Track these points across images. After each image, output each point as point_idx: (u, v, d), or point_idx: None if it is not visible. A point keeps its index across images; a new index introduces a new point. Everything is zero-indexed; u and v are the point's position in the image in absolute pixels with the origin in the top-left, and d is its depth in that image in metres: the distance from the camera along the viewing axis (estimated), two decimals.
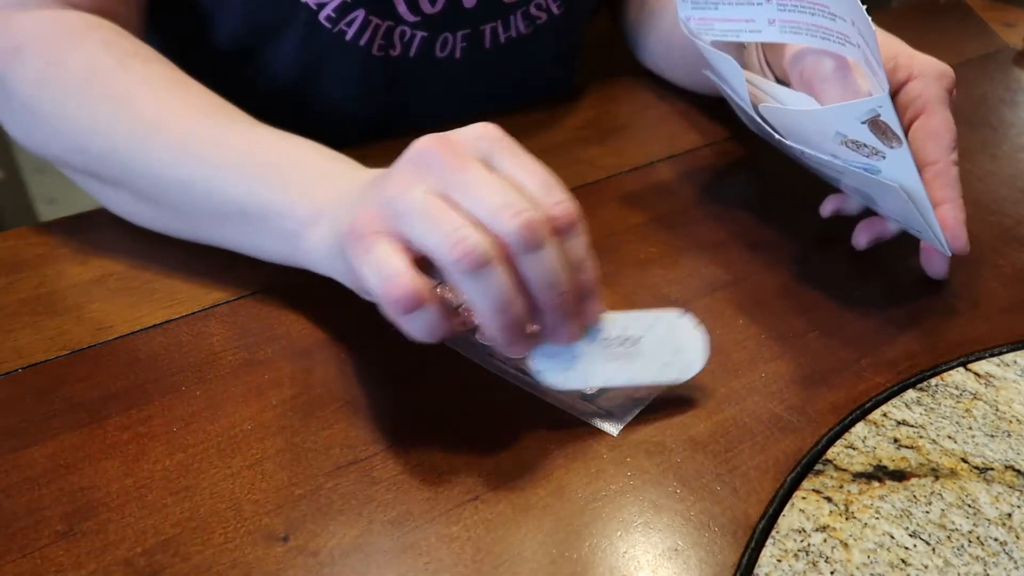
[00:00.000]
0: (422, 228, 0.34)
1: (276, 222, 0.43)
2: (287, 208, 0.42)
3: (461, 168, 0.35)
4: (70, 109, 0.48)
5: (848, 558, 0.34)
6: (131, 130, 0.46)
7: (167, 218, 0.49)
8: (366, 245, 0.35)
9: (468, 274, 0.33)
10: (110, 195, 0.51)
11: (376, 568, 0.34)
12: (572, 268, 0.36)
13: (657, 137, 0.65)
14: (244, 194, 0.44)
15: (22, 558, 0.34)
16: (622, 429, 0.39)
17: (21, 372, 0.42)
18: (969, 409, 0.41)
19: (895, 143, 0.41)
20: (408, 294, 0.33)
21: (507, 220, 0.33)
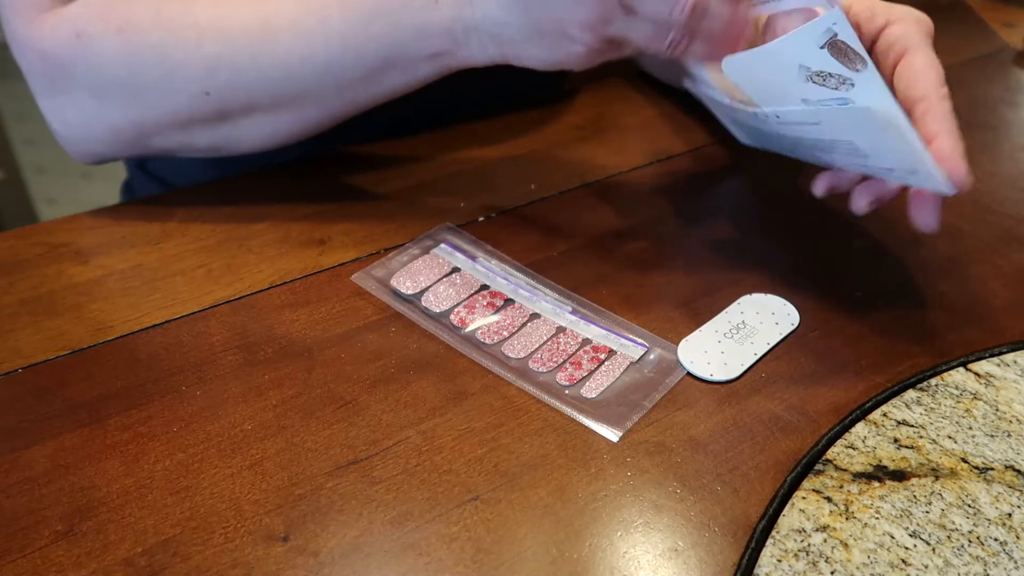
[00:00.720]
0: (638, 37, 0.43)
1: (421, 51, 0.47)
2: (419, 35, 0.47)
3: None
4: (175, 63, 0.48)
5: (848, 558, 0.34)
6: (245, 50, 0.48)
7: (310, 112, 0.51)
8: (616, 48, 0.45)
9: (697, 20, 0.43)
10: (244, 129, 0.51)
11: (376, 568, 0.34)
12: None
13: (657, 137, 0.65)
14: (377, 45, 0.47)
15: (22, 558, 0.34)
16: (622, 435, 0.39)
17: (21, 372, 0.42)
18: (969, 409, 0.41)
19: (860, 65, 0.39)
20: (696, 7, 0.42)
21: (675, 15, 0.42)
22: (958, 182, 0.41)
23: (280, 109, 0.51)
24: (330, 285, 0.48)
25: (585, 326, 0.45)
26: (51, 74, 0.50)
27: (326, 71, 0.49)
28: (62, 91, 0.50)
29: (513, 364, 0.43)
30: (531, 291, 0.47)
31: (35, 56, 0.49)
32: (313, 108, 0.51)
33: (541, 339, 0.44)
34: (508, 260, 0.50)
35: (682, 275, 0.50)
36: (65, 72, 0.49)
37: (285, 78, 0.49)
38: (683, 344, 0.44)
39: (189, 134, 0.51)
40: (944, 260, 0.51)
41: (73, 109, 0.51)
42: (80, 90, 0.50)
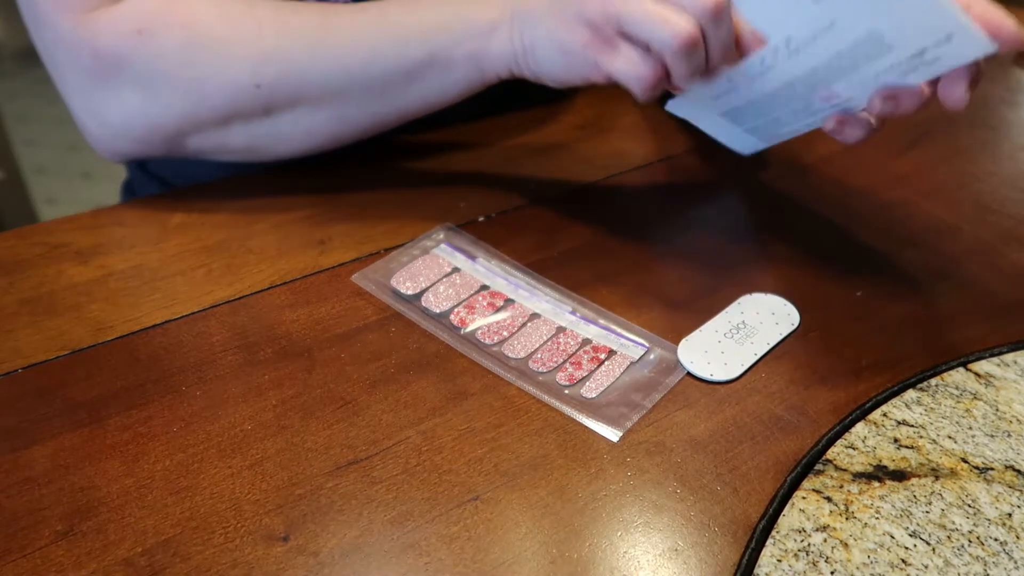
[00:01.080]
0: (647, 27, 0.42)
1: (462, 47, 0.49)
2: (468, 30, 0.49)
3: None
4: (231, 56, 0.50)
5: (848, 558, 0.34)
6: (302, 41, 0.50)
7: (351, 109, 0.53)
8: (609, 53, 0.45)
9: (684, 56, 0.43)
10: (284, 124, 0.53)
11: (376, 568, 0.34)
12: None
13: (657, 137, 0.65)
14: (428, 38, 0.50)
15: (22, 558, 0.34)
16: (622, 435, 0.39)
17: (21, 372, 0.42)
18: (969, 409, 0.41)
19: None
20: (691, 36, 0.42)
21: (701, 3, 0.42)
22: (1008, 35, 0.38)
23: (324, 105, 0.52)
24: (330, 285, 0.48)
25: (585, 326, 0.45)
26: (102, 71, 0.51)
27: (371, 62, 0.51)
28: (109, 88, 0.51)
29: (513, 364, 0.43)
30: (531, 291, 0.47)
31: (86, 53, 0.50)
32: (354, 105, 0.53)
33: (541, 339, 0.44)
34: (508, 260, 0.50)
35: (682, 275, 0.50)
36: (120, 68, 0.50)
37: (334, 70, 0.51)
38: (683, 344, 0.44)
39: (228, 132, 0.53)
40: (944, 260, 0.51)
41: (116, 107, 0.52)
42: (128, 87, 0.51)
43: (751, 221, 0.55)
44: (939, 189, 0.58)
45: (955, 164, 0.61)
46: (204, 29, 0.50)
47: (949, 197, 0.57)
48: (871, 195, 0.57)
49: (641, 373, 0.43)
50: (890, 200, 0.57)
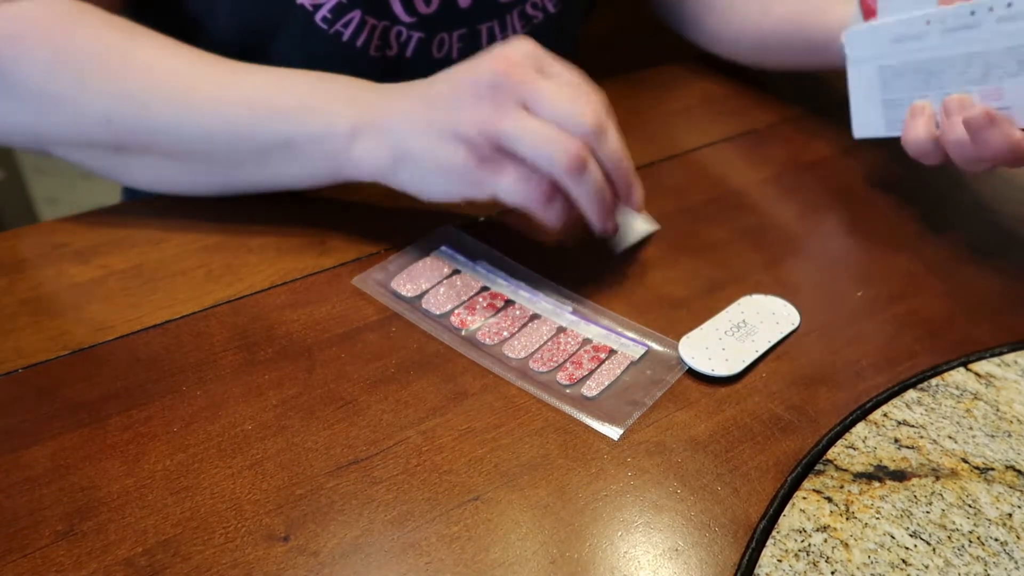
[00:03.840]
0: (531, 146, 0.42)
1: (320, 144, 0.47)
2: (328, 128, 0.47)
3: (533, 86, 0.42)
4: (92, 85, 0.48)
5: (849, 558, 0.34)
6: (164, 92, 0.48)
7: (201, 171, 0.51)
8: (492, 171, 0.43)
9: (576, 176, 0.42)
10: (134, 165, 0.51)
11: (376, 568, 0.34)
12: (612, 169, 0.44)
13: (657, 137, 0.65)
14: (287, 125, 0.47)
15: (23, 558, 0.34)
16: (622, 433, 0.39)
17: (21, 372, 0.42)
18: (970, 409, 0.41)
19: None
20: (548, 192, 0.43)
21: (584, 121, 0.42)
22: None
23: (174, 159, 0.51)
24: (330, 285, 0.48)
25: (586, 326, 0.45)
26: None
27: (226, 134, 0.48)
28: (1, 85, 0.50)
29: (513, 364, 0.43)
30: (531, 292, 0.47)
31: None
32: (205, 169, 0.51)
33: (541, 339, 0.44)
34: (508, 261, 0.50)
35: (682, 275, 0.50)
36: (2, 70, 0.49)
37: (187, 131, 0.49)
38: (684, 340, 0.44)
39: (84, 154, 0.52)
40: (944, 260, 0.51)
41: (10, 105, 0.50)
42: (14, 90, 0.49)
43: (751, 221, 0.55)
44: (939, 189, 0.58)
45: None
46: (73, 53, 0.49)
47: (949, 197, 0.57)
48: (871, 195, 0.57)
49: (642, 372, 0.43)
50: (890, 200, 0.57)
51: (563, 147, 0.41)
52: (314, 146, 0.48)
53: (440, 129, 0.44)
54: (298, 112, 0.48)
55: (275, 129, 0.48)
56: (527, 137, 0.42)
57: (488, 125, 0.42)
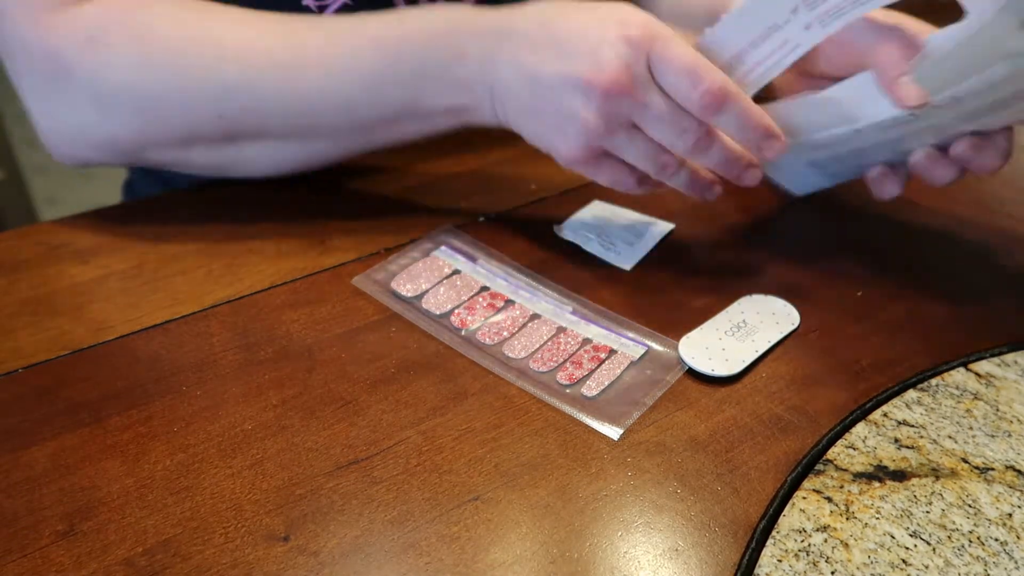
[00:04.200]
0: (634, 156, 0.46)
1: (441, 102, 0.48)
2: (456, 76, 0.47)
3: (642, 107, 0.44)
4: (193, 77, 0.47)
5: (849, 558, 0.34)
6: (267, 76, 0.47)
7: (320, 146, 0.51)
8: (596, 167, 0.47)
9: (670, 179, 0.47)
10: (240, 154, 0.51)
11: (376, 568, 0.34)
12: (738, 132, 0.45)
13: None
14: (402, 89, 0.48)
15: (23, 558, 0.34)
16: (622, 433, 0.39)
17: (21, 372, 0.42)
18: (970, 409, 0.41)
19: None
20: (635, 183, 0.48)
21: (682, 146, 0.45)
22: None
23: (291, 139, 0.51)
24: (330, 285, 0.48)
25: (586, 326, 0.45)
26: (54, 75, 0.48)
27: (346, 109, 0.49)
28: (63, 93, 0.49)
29: (513, 364, 0.43)
30: (532, 292, 0.47)
31: (40, 54, 0.48)
32: (325, 142, 0.51)
33: (541, 339, 0.44)
34: (508, 261, 0.50)
35: (682, 275, 0.50)
36: (70, 74, 0.48)
37: (303, 111, 0.49)
38: (684, 340, 0.44)
39: (190, 152, 0.51)
40: (944, 260, 0.51)
41: (70, 113, 0.49)
42: (82, 94, 0.48)
43: (751, 221, 0.55)
44: (939, 189, 0.58)
45: None
46: (157, 46, 0.47)
47: (949, 197, 0.57)
48: (871, 195, 0.57)
49: (642, 372, 0.43)
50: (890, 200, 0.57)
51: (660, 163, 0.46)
52: (437, 104, 0.48)
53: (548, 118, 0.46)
54: (413, 75, 0.47)
55: (395, 94, 0.48)
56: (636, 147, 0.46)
57: (594, 135, 0.45)
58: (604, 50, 0.43)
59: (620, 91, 0.43)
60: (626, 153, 0.46)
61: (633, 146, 0.45)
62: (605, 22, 0.44)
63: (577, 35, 0.44)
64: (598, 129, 0.44)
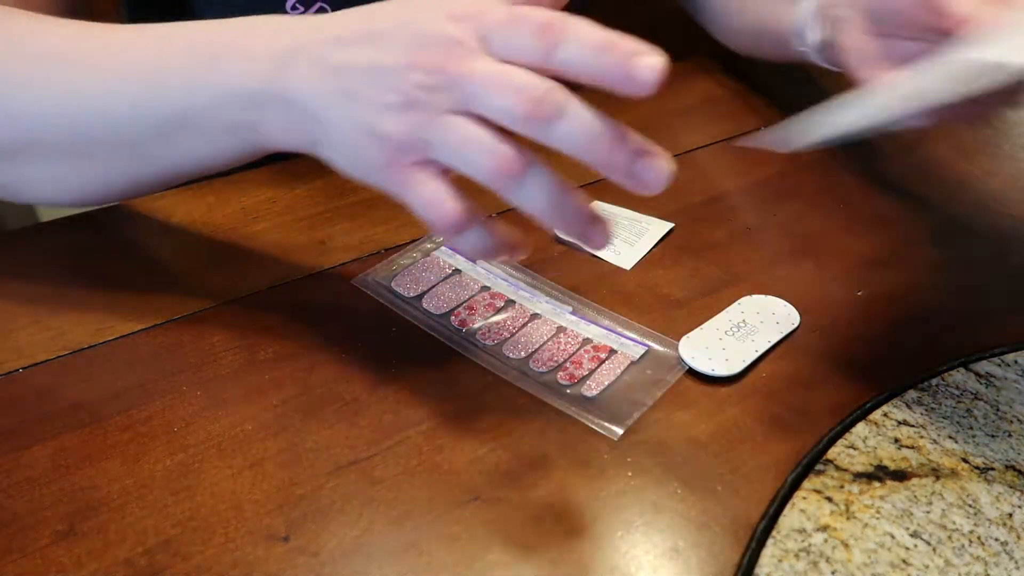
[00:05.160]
0: (458, 156, 0.35)
1: (226, 109, 0.39)
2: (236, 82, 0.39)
3: (469, 78, 0.34)
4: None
5: (849, 558, 0.34)
6: (23, 74, 0.41)
7: (92, 167, 0.43)
8: (406, 178, 0.37)
9: (515, 183, 0.35)
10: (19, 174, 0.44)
11: (376, 568, 0.34)
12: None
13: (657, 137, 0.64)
14: (169, 96, 0.40)
15: (23, 558, 0.34)
16: (622, 433, 0.39)
17: (21, 372, 0.42)
18: (970, 409, 0.41)
19: None
20: (459, 220, 0.36)
21: (519, 112, 0.33)
22: None
23: (58, 156, 0.43)
24: (330, 285, 0.48)
25: (586, 326, 0.45)
26: None
27: (104, 116, 0.41)
28: None
29: (514, 364, 0.43)
30: (531, 292, 0.47)
31: None
32: (98, 163, 0.43)
33: (542, 339, 0.44)
34: (511, 265, 0.50)
35: (682, 275, 0.50)
36: None
37: (59, 120, 0.42)
38: (684, 340, 0.44)
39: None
40: (944, 260, 0.51)
41: None
42: None
43: (751, 221, 0.55)
44: (939, 189, 0.58)
45: (955, 164, 0.61)
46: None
47: (949, 197, 0.57)
48: (871, 195, 0.57)
49: (642, 372, 0.43)
50: (890, 200, 0.57)
51: (495, 155, 0.34)
52: (215, 119, 0.40)
53: (354, 117, 0.36)
54: (184, 79, 0.39)
55: (162, 103, 0.40)
56: (451, 145, 0.35)
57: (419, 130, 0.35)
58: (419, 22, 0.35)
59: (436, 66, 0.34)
60: (450, 152, 0.35)
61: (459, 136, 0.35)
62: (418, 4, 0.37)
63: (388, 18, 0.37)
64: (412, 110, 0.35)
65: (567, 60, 0.34)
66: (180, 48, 0.41)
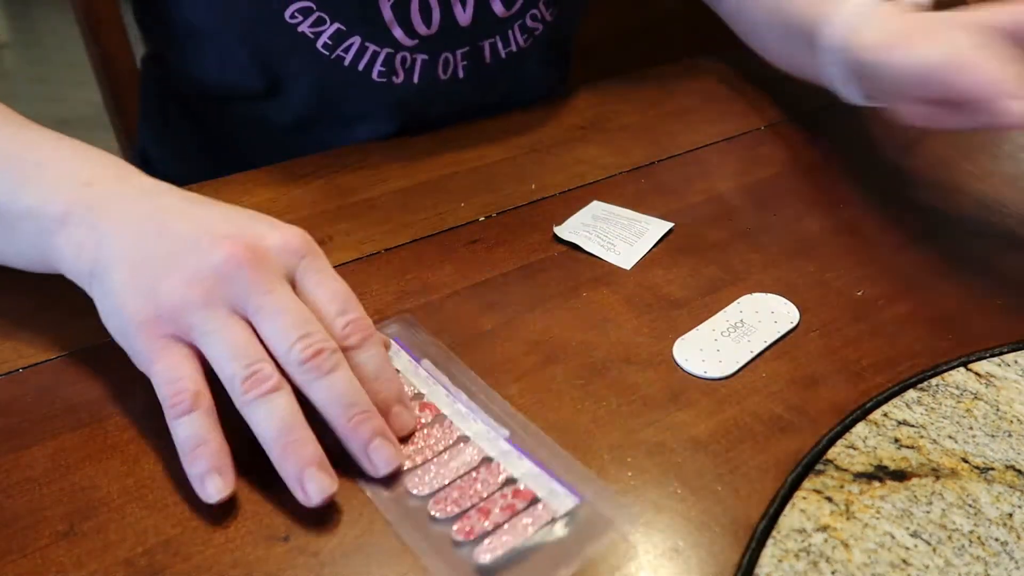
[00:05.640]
0: (219, 351, 0.36)
1: (28, 221, 0.40)
2: (39, 206, 0.40)
3: (266, 291, 0.36)
4: None
5: (849, 558, 0.34)
6: None
7: None
8: (160, 347, 0.37)
9: (254, 401, 0.35)
10: None
11: (376, 568, 0.34)
12: (371, 380, 0.37)
13: (657, 137, 0.65)
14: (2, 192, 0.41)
15: (23, 558, 0.34)
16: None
17: (21, 372, 0.42)
18: (970, 409, 0.41)
19: None
20: (188, 406, 0.36)
21: (298, 352, 0.36)
22: None
23: None
24: None
25: (517, 459, 0.37)
26: None
27: None
28: None
29: (409, 504, 0.36)
30: (469, 408, 0.40)
31: None
32: None
33: (455, 472, 0.37)
34: (456, 362, 0.43)
35: (682, 275, 0.50)
36: None
37: None
38: (679, 342, 0.44)
39: None
40: (944, 260, 0.51)
41: None
42: None
43: (751, 221, 0.55)
44: (939, 189, 0.58)
45: (955, 164, 0.61)
46: None
47: (949, 197, 0.57)
48: (871, 195, 0.57)
49: (560, 533, 0.34)
50: (890, 200, 0.57)
51: (251, 371, 0.35)
52: (21, 221, 0.40)
53: (139, 286, 0.37)
54: (12, 180, 0.41)
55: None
56: (217, 339, 0.36)
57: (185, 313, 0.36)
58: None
59: (246, 262, 0.36)
60: (210, 341, 0.36)
61: (225, 333, 0.36)
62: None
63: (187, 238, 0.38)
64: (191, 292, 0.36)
65: None
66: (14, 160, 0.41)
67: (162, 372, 0.36)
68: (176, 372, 0.36)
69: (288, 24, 0.56)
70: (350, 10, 0.56)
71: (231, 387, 0.36)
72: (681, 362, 0.43)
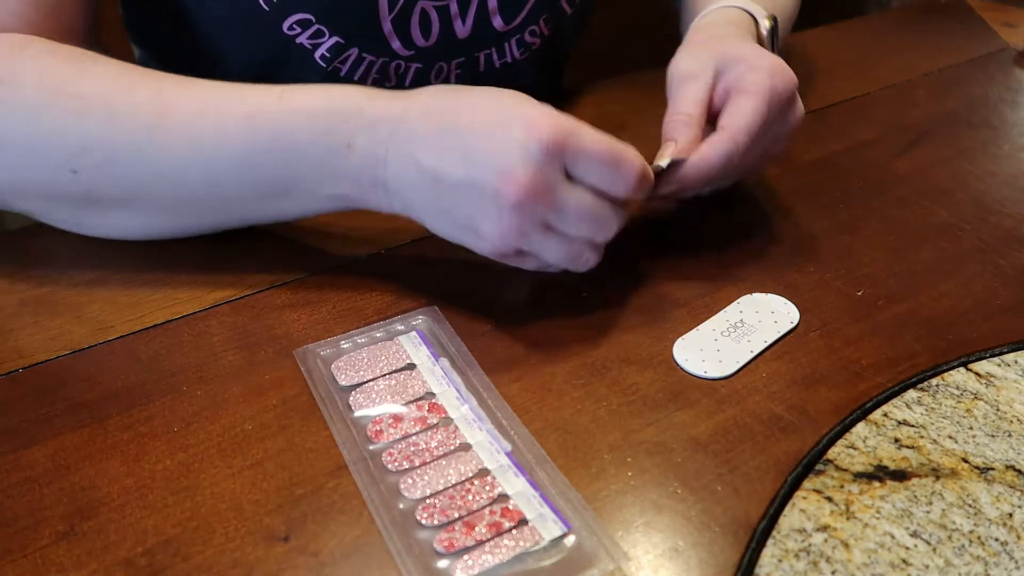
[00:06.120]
0: (550, 255, 0.43)
1: (330, 182, 0.44)
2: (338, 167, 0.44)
3: (558, 211, 0.42)
4: (45, 127, 0.44)
5: (849, 558, 0.34)
6: (132, 131, 0.43)
7: (190, 219, 0.48)
8: (518, 259, 0.44)
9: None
10: (104, 219, 0.47)
11: (376, 568, 0.34)
12: None
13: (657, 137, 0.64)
14: (275, 169, 0.44)
15: (23, 558, 0.34)
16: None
17: (22, 372, 0.42)
18: (970, 409, 0.41)
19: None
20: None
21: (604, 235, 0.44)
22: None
23: (157, 210, 0.47)
24: (330, 285, 0.48)
25: (514, 476, 0.37)
26: None
27: (213, 184, 0.45)
28: None
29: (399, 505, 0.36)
30: (477, 415, 0.40)
31: None
32: (194, 216, 0.48)
33: (449, 481, 0.37)
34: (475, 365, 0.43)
35: (683, 275, 0.50)
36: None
37: (166, 179, 0.44)
38: (679, 342, 0.44)
39: (53, 208, 0.48)
40: (944, 260, 0.51)
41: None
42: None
43: (752, 221, 0.55)
44: (939, 189, 0.58)
45: (955, 164, 0.61)
46: (17, 91, 0.44)
47: (949, 197, 0.57)
48: (871, 195, 0.57)
49: (542, 562, 0.34)
50: (890, 200, 0.57)
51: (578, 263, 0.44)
52: (319, 189, 0.45)
53: (456, 223, 0.43)
54: (290, 156, 0.44)
55: (269, 174, 0.44)
56: (551, 246, 0.43)
57: (510, 239, 0.42)
58: (512, 155, 0.40)
59: (533, 200, 0.40)
60: (542, 253, 0.43)
61: (548, 246, 0.43)
62: (510, 123, 0.40)
63: (481, 138, 0.41)
64: (509, 236, 0.41)
65: None
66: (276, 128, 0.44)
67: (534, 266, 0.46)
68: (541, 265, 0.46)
69: (286, 36, 0.56)
70: (350, 24, 0.56)
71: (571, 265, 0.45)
72: (681, 362, 0.43)
